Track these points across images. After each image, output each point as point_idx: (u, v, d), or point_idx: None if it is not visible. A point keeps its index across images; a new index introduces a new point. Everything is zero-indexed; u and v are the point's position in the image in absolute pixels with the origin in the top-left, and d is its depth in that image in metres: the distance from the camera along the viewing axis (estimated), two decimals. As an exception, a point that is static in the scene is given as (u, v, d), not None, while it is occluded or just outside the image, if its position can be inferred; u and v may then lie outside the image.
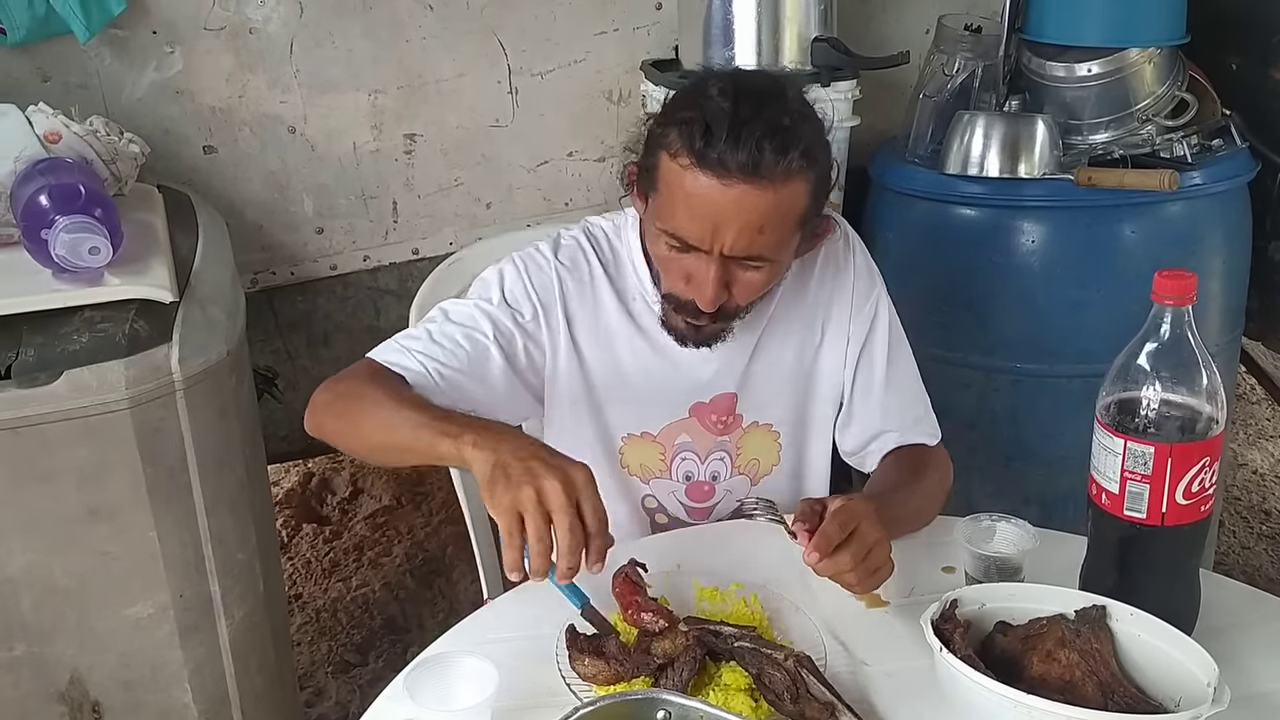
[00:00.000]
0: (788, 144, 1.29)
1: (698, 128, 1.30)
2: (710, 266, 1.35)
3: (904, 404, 1.60)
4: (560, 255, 1.53)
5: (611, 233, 1.57)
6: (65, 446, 1.57)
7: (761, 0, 2.31)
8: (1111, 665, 1.12)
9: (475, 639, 1.30)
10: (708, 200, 1.31)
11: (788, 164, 1.30)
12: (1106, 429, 1.17)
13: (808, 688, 1.13)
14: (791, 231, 1.38)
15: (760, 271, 1.38)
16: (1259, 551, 3.10)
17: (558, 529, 1.11)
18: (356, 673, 2.68)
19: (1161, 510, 1.16)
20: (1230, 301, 2.42)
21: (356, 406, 1.34)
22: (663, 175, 1.36)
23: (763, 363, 1.57)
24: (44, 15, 2.13)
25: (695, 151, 1.30)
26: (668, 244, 1.38)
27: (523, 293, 1.49)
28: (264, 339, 2.51)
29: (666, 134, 1.35)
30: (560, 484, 1.12)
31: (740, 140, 1.28)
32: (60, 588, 1.63)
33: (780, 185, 1.31)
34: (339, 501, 3.39)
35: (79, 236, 1.62)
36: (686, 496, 1.62)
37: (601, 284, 1.53)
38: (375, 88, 2.44)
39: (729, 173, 1.29)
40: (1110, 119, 2.30)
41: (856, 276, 1.58)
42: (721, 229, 1.32)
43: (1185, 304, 1.13)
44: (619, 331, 1.53)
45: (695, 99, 1.34)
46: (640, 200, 1.45)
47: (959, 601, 1.18)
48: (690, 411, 1.57)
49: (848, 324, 1.58)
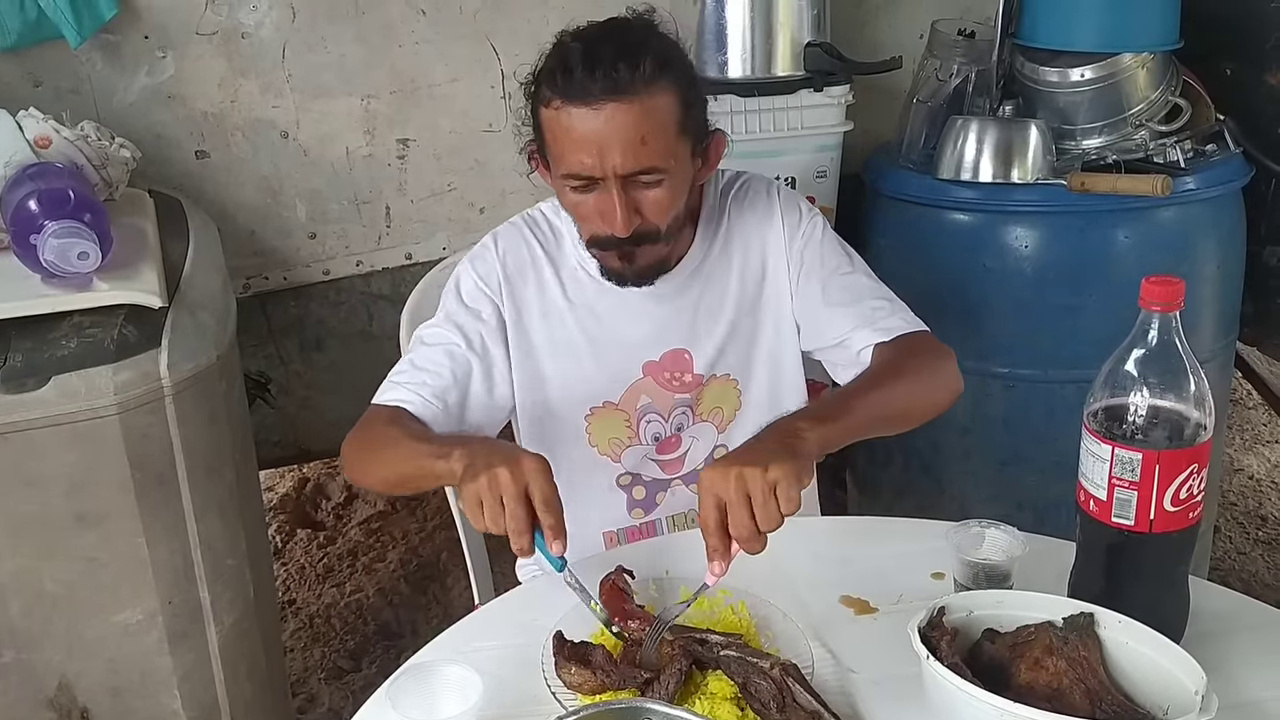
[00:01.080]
0: (638, 56, 1.40)
1: (559, 71, 1.41)
2: (612, 190, 1.43)
3: (857, 298, 1.59)
4: (499, 246, 1.62)
5: (550, 213, 1.65)
6: (53, 452, 1.57)
7: (754, 6, 2.31)
8: (1099, 673, 1.11)
9: (461, 646, 1.29)
10: (585, 128, 1.41)
11: (643, 74, 1.39)
12: (1094, 435, 1.17)
13: (794, 697, 1.13)
14: (674, 138, 1.45)
15: (661, 186, 1.46)
16: (1255, 557, 3.09)
17: (506, 513, 1.20)
18: (350, 679, 2.68)
19: (1150, 517, 1.15)
20: (1225, 307, 2.41)
21: (371, 451, 1.48)
22: (546, 126, 1.46)
23: (706, 315, 1.63)
24: (35, 19, 2.12)
25: (561, 91, 1.41)
26: (571, 188, 1.47)
27: (478, 292, 1.59)
28: (256, 344, 2.51)
29: (538, 90, 1.46)
30: (509, 471, 1.21)
31: (595, 66, 1.38)
32: (48, 594, 1.63)
33: (644, 94, 1.40)
34: (333, 507, 3.39)
35: (68, 241, 1.62)
36: (657, 453, 1.66)
37: (542, 264, 1.62)
38: (368, 92, 2.43)
39: (594, 97, 1.39)
40: (1104, 124, 2.30)
41: (785, 211, 1.64)
42: (606, 151, 1.41)
43: (1173, 310, 1.13)
44: (564, 307, 1.61)
45: (554, 52, 1.46)
46: (544, 170, 1.54)
47: (947, 609, 1.17)
48: (644, 370, 1.63)
49: (785, 255, 1.63)
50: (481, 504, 1.22)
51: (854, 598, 1.36)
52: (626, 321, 1.61)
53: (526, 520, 1.20)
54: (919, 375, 1.49)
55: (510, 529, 1.20)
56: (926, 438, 2.44)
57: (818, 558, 1.45)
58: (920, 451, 2.46)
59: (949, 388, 1.52)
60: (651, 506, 1.68)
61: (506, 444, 1.33)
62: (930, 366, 1.51)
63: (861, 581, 1.39)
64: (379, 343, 2.58)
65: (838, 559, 1.46)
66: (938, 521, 1.48)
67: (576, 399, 1.62)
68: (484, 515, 1.22)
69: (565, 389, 1.62)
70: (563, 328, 1.61)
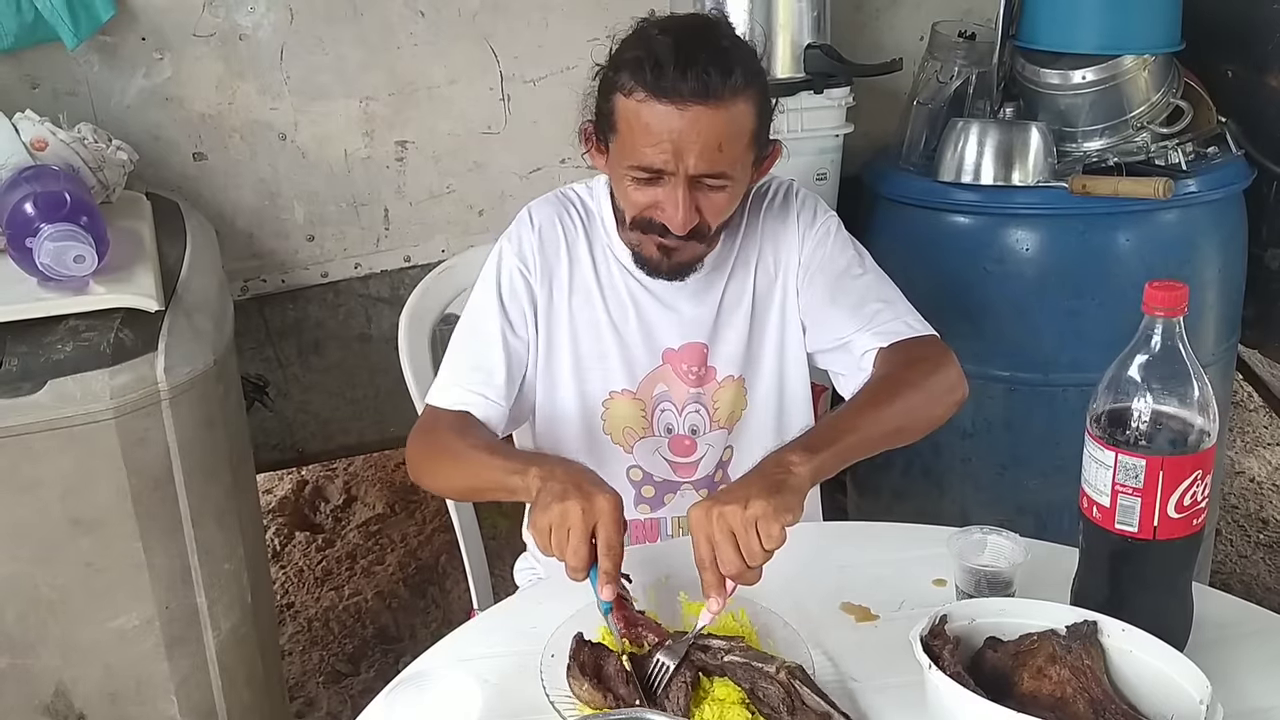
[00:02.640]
0: (730, 66, 1.40)
1: (648, 63, 1.40)
2: (678, 189, 1.44)
3: (861, 300, 1.57)
4: (535, 220, 1.63)
5: (585, 194, 1.67)
6: (49, 457, 1.56)
7: (755, 7, 2.30)
8: (1103, 682, 1.10)
9: (460, 654, 1.28)
10: (668, 126, 1.40)
11: (733, 83, 1.40)
12: (1097, 441, 1.16)
13: (802, 699, 1.12)
14: (746, 148, 1.47)
15: (724, 191, 1.47)
16: (1256, 560, 3.09)
17: (570, 548, 1.22)
18: (348, 683, 2.67)
19: (1153, 524, 1.14)
20: (1226, 310, 2.41)
21: (442, 460, 1.51)
22: (621, 115, 1.45)
23: (726, 313, 1.63)
24: (32, 21, 2.12)
25: (649, 85, 1.40)
26: (634, 179, 1.47)
27: (517, 273, 1.60)
28: (255, 347, 2.50)
29: (618, 77, 1.44)
30: (580, 510, 1.23)
31: (688, 68, 1.38)
32: (44, 599, 1.62)
33: (730, 103, 1.41)
34: (332, 509, 3.38)
35: (64, 245, 1.61)
36: (670, 451, 1.66)
37: (576, 242, 1.63)
38: (366, 94, 2.43)
39: (683, 98, 1.39)
40: (1105, 126, 2.29)
41: (801, 211, 1.65)
42: (684, 151, 1.41)
43: (1176, 315, 1.12)
44: (594, 287, 1.62)
45: (638, 41, 1.44)
46: (599, 154, 1.54)
47: (948, 617, 1.16)
48: (664, 358, 1.63)
49: (797, 255, 1.64)
50: (550, 532, 1.24)
51: (855, 605, 1.35)
52: (652, 310, 1.62)
53: (587, 560, 1.22)
54: (917, 389, 1.47)
55: (569, 564, 1.23)
56: (927, 441, 2.37)
57: (817, 564, 1.44)
58: (921, 455, 2.45)
59: (950, 399, 1.51)
60: (659, 505, 1.68)
61: (582, 471, 1.32)
62: (930, 377, 1.49)
63: (862, 588, 1.38)
64: (377, 345, 2.57)
65: (837, 565, 1.45)
66: (938, 527, 1.48)
67: (596, 382, 1.63)
68: (550, 542, 1.24)
69: (587, 370, 1.62)
70: (589, 308, 1.62)
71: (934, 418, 1.50)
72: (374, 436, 2.67)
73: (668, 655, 1.19)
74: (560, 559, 1.24)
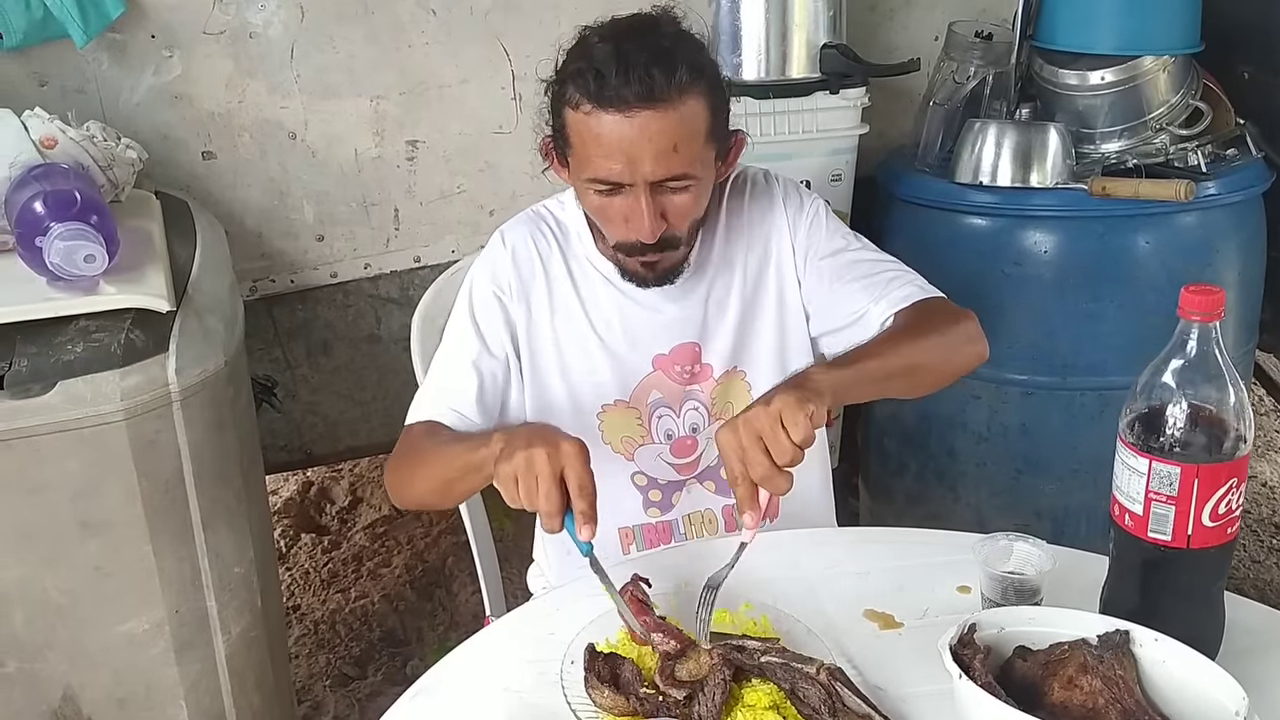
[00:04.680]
0: (672, 64, 1.38)
1: (590, 74, 1.38)
2: (640, 198, 1.42)
3: (869, 272, 1.57)
4: (508, 242, 1.62)
5: (556, 209, 1.65)
6: (59, 458, 1.54)
7: (770, 7, 2.29)
8: (1136, 693, 1.08)
9: (477, 661, 1.26)
10: (617, 135, 1.39)
11: (678, 82, 1.38)
12: (1131, 448, 1.13)
13: (843, 701, 1.11)
14: (702, 145, 1.44)
15: (687, 192, 1.45)
16: (1270, 565, 3.06)
17: (539, 491, 1.21)
18: (355, 686, 2.65)
19: (1187, 532, 1.12)
20: (1244, 314, 2.39)
21: (412, 468, 1.49)
22: (572, 129, 1.44)
23: (715, 309, 1.62)
24: (41, 19, 2.10)
25: (592, 95, 1.38)
26: (596, 192, 1.45)
27: (490, 296, 1.59)
28: (263, 347, 2.48)
29: (564, 90, 1.43)
30: (546, 453, 1.21)
31: (629, 72, 1.36)
32: (53, 603, 1.60)
33: (678, 103, 1.38)
34: (338, 511, 3.36)
35: (74, 244, 1.60)
36: (672, 454, 1.64)
37: (552, 259, 1.61)
38: (377, 93, 2.41)
39: (628, 104, 1.37)
40: (1123, 128, 2.28)
41: (786, 198, 1.64)
42: (638, 159, 1.39)
43: (1213, 320, 1.10)
44: (574, 303, 1.61)
45: (580, 50, 1.43)
46: (561, 168, 1.52)
47: (977, 625, 1.14)
48: (654, 364, 1.61)
49: (790, 241, 1.62)
50: (517, 482, 1.23)
51: (878, 612, 1.33)
52: (637, 317, 1.60)
53: (559, 502, 1.21)
54: (936, 333, 1.47)
55: (542, 509, 1.21)
56: (942, 444, 2.41)
57: (838, 570, 1.42)
58: (935, 459, 2.43)
59: (970, 349, 1.50)
60: (668, 507, 1.66)
61: (547, 426, 1.33)
62: (951, 327, 1.49)
63: (885, 595, 1.36)
64: (386, 346, 2.56)
65: (857, 571, 1.42)
66: (960, 533, 1.46)
67: (588, 396, 1.61)
68: (519, 492, 1.23)
69: (576, 386, 1.61)
70: (572, 323, 1.60)
71: (953, 364, 1.49)
72: (382, 438, 2.65)
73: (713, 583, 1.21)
74: (531, 508, 1.22)
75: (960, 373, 1.50)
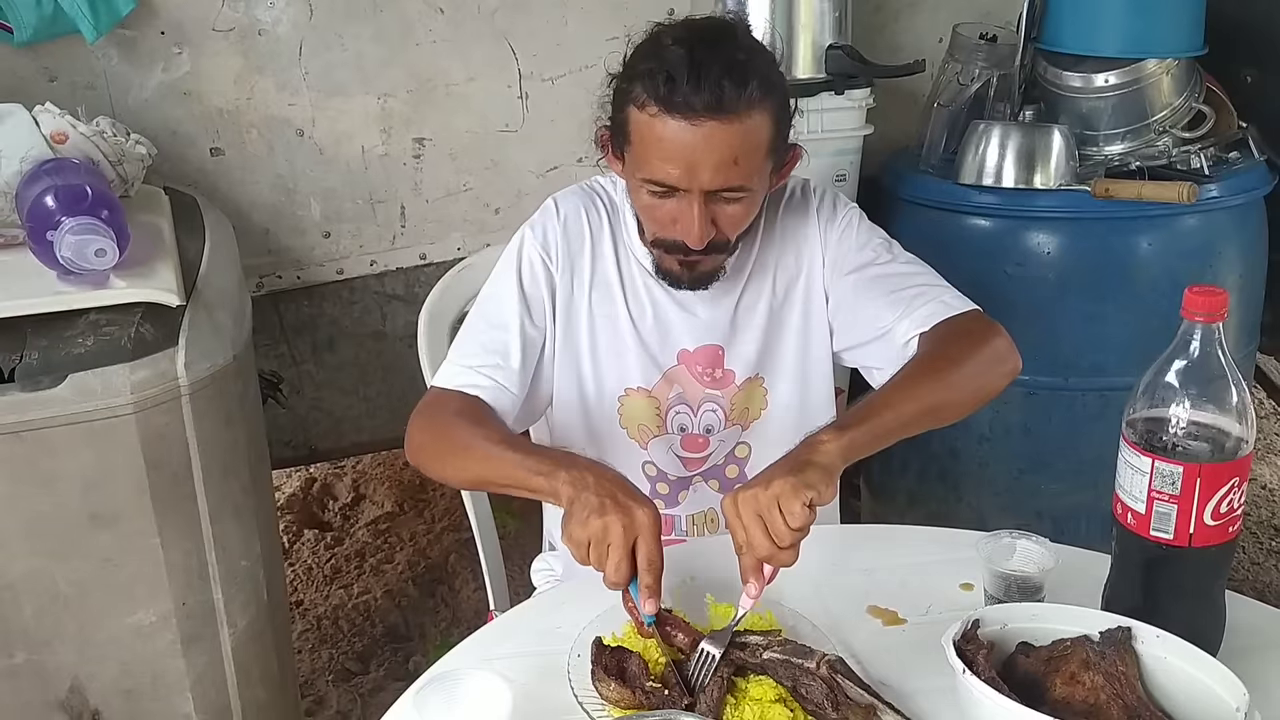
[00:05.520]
0: (745, 77, 1.36)
1: (660, 76, 1.37)
2: (693, 205, 1.41)
3: (897, 287, 1.54)
4: (562, 211, 1.61)
5: (610, 187, 1.64)
6: (68, 451, 1.55)
7: (775, 7, 2.30)
8: (1137, 689, 1.09)
9: (484, 654, 1.27)
10: (680, 142, 1.37)
11: (748, 96, 1.36)
12: (1134, 448, 1.14)
13: (845, 693, 1.11)
14: (763, 159, 1.43)
15: (740, 203, 1.44)
16: (1269, 567, 3.07)
17: (609, 561, 1.20)
18: (358, 681, 2.65)
19: (1189, 531, 1.13)
20: (1246, 316, 2.40)
21: (449, 447, 1.44)
22: (634, 128, 1.42)
23: (744, 315, 1.62)
24: (52, 14, 2.11)
25: (661, 99, 1.37)
26: (650, 192, 1.44)
27: (538, 260, 1.58)
28: (269, 343, 2.49)
29: (631, 88, 1.41)
30: (622, 525, 1.20)
31: (701, 81, 1.34)
32: (61, 594, 1.61)
33: (745, 117, 1.37)
34: (341, 507, 3.37)
35: (85, 238, 1.60)
36: (682, 448, 1.65)
37: (601, 236, 1.61)
38: (384, 91, 2.42)
39: (695, 113, 1.36)
40: (1127, 130, 2.29)
41: (820, 208, 1.63)
42: (698, 167, 1.38)
43: (1216, 320, 1.11)
44: (615, 282, 1.60)
45: (652, 50, 1.41)
46: (616, 160, 1.52)
47: (981, 621, 1.15)
48: (678, 358, 1.61)
49: (821, 254, 1.62)
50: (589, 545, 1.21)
51: (882, 608, 1.34)
52: (670, 311, 1.60)
53: (628, 575, 1.20)
54: (958, 364, 1.43)
55: (609, 579, 1.21)
56: (944, 444, 2.42)
57: (842, 567, 1.44)
58: (937, 458, 2.44)
59: (1000, 370, 1.47)
60: (674, 503, 1.67)
61: (615, 480, 1.27)
62: (976, 351, 1.45)
63: (888, 592, 1.37)
64: (391, 343, 2.57)
65: (861, 568, 1.44)
66: (963, 531, 1.47)
67: (612, 377, 1.61)
68: (589, 556, 1.21)
69: (603, 365, 1.61)
70: (609, 303, 1.60)
71: (981, 392, 1.46)
72: (387, 435, 2.66)
73: (712, 644, 1.19)
74: (598, 570, 1.21)
75: (990, 396, 1.47)
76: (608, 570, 1.20)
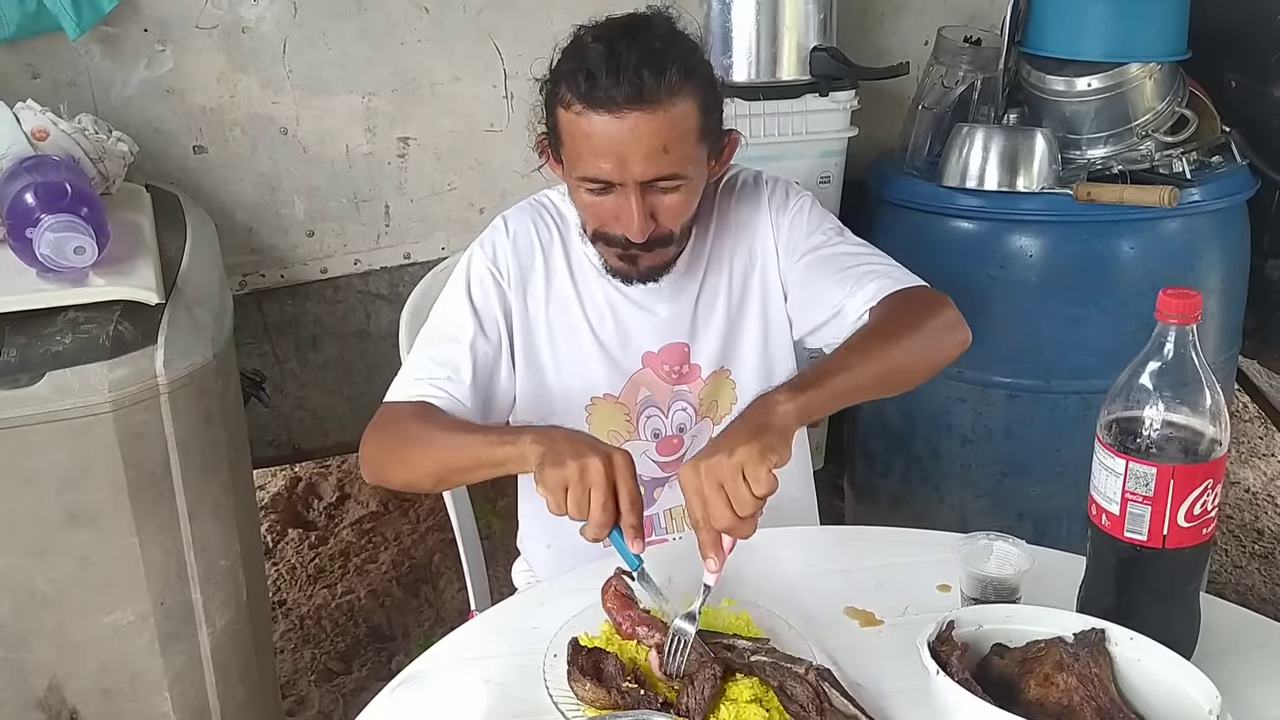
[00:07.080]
0: (663, 66, 1.38)
1: (581, 74, 1.39)
2: (630, 197, 1.43)
3: (845, 267, 1.55)
4: (511, 228, 1.62)
5: (559, 200, 1.65)
6: (46, 449, 1.54)
7: (760, 9, 2.30)
8: (1110, 690, 1.09)
9: (460, 654, 1.27)
10: (607, 135, 1.39)
11: (668, 83, 1.38)
12: (1108, 449, 1.15)
13: (830, 701, 1.12)
14: (694, 145, 1.45)
15: (678, 192, 1.45)
16: (1251, 571, 3.08)
17: (592, 503, 1.20)
18: (340, 681, 2.65)
19: (1163, 532, 1.13)
20: (1228, 319, 2.40)
21: (404, 448, 1.45)
22: (564, 128, 1.44)
23: (704, 309, 1.62)
24: (34, 11, 2.10)
25: (583, 96, 1.39)
26: (588, 190, 1.46)
27: (489, 276, 1.59)
28: (252, 342, 2.48)
29: (557, 90, 1.44)
30: (601, 464, 1.21)
31: (620, 73, 1.37)
32: (39, 593, 1.60)
33: (668, 104, 1.39)
34: (325, 507, 3.36)
35: (64, 236, 1.60)
36: (657, 453, 1.66)
37: (552, 249, 1.61)
38: (369, 90, 2.41)
39: (618, 105, 1.38)
40: (1109, 134, 2.29)
41: (770, 197, 1.64)
42: (628, 159, 1.40)
43: (1190, 323, 1.11)
44: (570, 294, 1.61)
45: (574, 50, 1.43)
46: (555, 164, 1.53)
47: (955, 623, 1.15)
48: (643, 361, 1.62)
49: (773, 243, 1.63)
50: (566, 490, 1.21)
51: (859, 610, 1.34)
52: (630, 314, 1.61)
53: (612, 515, 1.21)
54: (912, 329, 1.44)
55: (594, 520, 1.21)
56: (927, 446, 2.42)
57: (820, 568, 1.44)
58: (920, 460, 2.44)
59: (951, 338, 1.48)
60: (650, 502, 1.67)
61: (586, 434, 1.32)
62: (927, 319, 1.47)
63: (866, 593, 1.37)
64: (375, 342, 2.56)
65: (840, 569, 1.44)
66: (942, 533, 1.47)
67: (577, 388, 1.62)
68: (567, 501, 1.21)
69: (567, 377, 1.61)
70: (567, 314, 1.61)
71: (933, 358, 1.47)
72: (371, 434, 2.65)
73: (683, 624, 1.18)
74: (579, 518, 1.22)
75: (942, 364, 1.48)
76: (593, 510, 1.20)
